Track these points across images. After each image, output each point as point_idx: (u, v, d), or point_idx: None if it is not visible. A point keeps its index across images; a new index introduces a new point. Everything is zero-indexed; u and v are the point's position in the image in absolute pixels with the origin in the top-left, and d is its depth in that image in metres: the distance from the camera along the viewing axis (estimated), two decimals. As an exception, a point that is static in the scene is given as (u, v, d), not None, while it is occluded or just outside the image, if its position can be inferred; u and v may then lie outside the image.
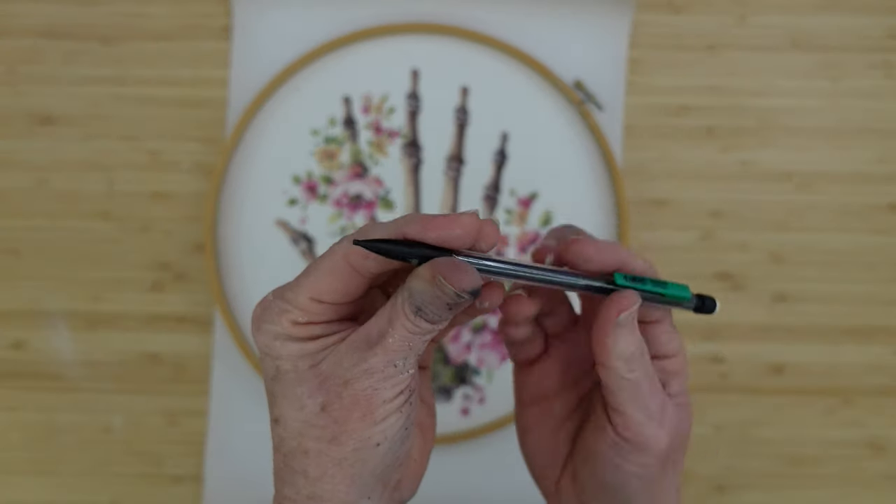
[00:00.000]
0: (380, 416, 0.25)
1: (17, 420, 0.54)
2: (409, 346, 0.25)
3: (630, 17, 0.54)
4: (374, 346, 0.25)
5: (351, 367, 0.25)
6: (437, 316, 0.25)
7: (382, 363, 0.25)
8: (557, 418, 0.33)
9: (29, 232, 0.54)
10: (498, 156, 0.54)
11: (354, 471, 0.25)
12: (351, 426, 0.25)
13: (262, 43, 0.53)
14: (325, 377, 0.25)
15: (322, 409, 0.25)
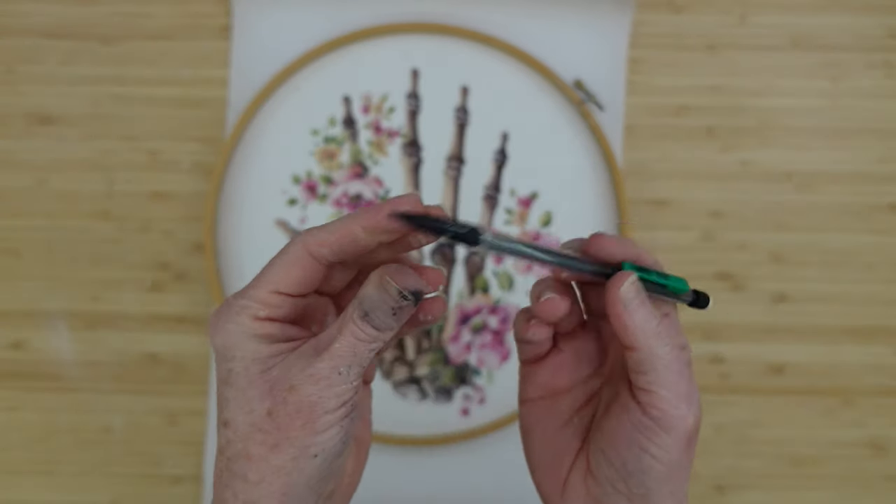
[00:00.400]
0: (320, 427, 0.26)
1: (16, 420, 0.54)
2: (355, 352, 0.26)
3: (630, 16, 0.53)
4: (322, 352, 0.26)
5: (298, 372, 0.26)
6: (383, 322, 0.26)
7: (328, 369, 0.26)
8: (565, 414, 0.33)
9: (28, 232, 0.54)
10: (498, 155, 0.54)
11: (290, 479, 0.26)
12: (293, 433, 0.26)
13: (261, 42, 0.53)
14: (274, 382, 0.26)
15: (268, 414, 0.26)
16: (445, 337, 0.53)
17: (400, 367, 0.53)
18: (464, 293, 0.53)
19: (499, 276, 0.53)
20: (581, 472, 0.31)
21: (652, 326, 0.28)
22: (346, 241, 0.27)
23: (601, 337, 0.32)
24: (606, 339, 0.32)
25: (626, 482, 0.29)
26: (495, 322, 0.53)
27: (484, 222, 0.54)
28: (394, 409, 0.53)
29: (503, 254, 0.29)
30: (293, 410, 0.26)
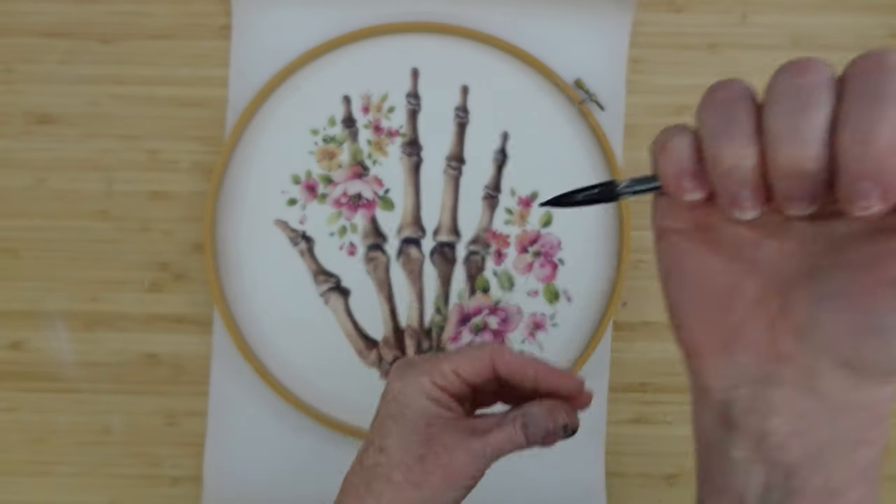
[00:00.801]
0: (454, 486, 0.33)
1: (15, 421, 0.54)
2: (502, 448, 0.33)
3: (630, 15, 0.53)
4: (480, 435, 0.33)
5: (456, 440, 0.32)
6: (534, 437, 0.33)
7: (479, 449, 0.32)
8: (736, 243, 0.25)
9: (27, 232, 0.54)
10: (498, 155, 0.53)
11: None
12: (433, 481, 0.32)
13: (261, 42, 0.53)
14: (433, 437, 0.32)
15: (420, 459, 0.32)
16: (445, 337, 0.53)
17: (400, 367, 0.53)
18: (464, 293, 0.53)
19: (499, 276, 0.53)
20: (766, 319, 0.24)
21: None
22: (519, 376, 0.34)
23: None
24: None
25: (866, 344, 0.22)
26: (496, 322, 0.53)
27: (484, 222, 0.53)
28: (394, 409, 0.53)
29: (647, 192, 0.25)
30: (442, 465, 0.32)
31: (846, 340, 0.22)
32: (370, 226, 0.53)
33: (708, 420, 0.25)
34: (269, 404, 0.53)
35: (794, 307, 0.23)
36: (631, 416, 0.55)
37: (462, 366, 0.34)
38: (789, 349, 0.23)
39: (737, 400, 0.24)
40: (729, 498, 0.25)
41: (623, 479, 0.55)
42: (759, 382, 0.24)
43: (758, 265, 0.24)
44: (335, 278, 0.53)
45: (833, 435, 0.23)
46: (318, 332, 0.53)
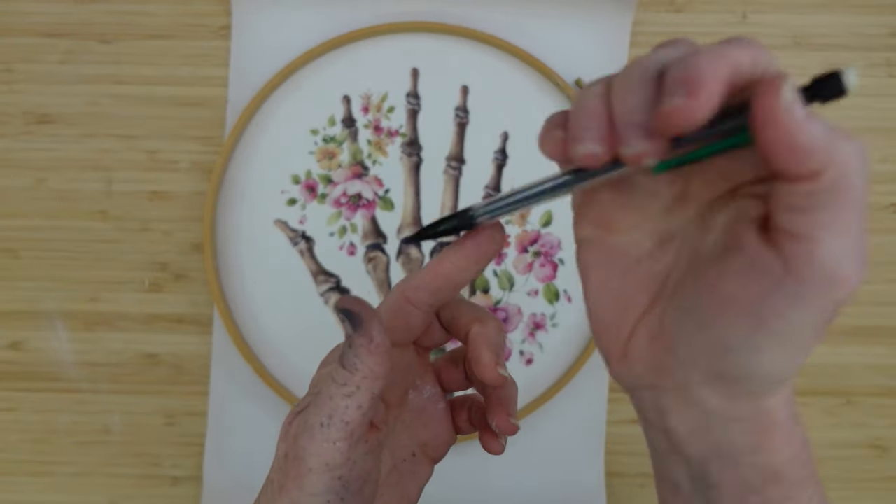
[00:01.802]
0: (307, 485, 0.26)
1: (15, 421, 0.54)
2: (331, 397, 0.26)
3: (631, 15, 0.53)
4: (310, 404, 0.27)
5: (301, 422, 0.27)
6: (349, 361, 0.26)
7: (313, 418, 0.26)
8: (629, 257, 0.26)
9: (26, 232, 0.53)
10: (498, 155, 0.53)
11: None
12: (289, 483, 0.26)
13: (261, 42, 0.53)
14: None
15: (284, 456, 0.27)
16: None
17: (400, 367, 0.53)
18: (463, 294, 0.53)
19: (499, 276, 0.53)
20: (648, 333, 0.25)
21: (835, 140, 0.20)
22: (440, 280, 0.29)
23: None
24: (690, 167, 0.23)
25: (721, 361, 0.22)
26: (495, 322, 0.53)
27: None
28: (394, 409, 0.53)
29: (503, 214, 0.27)
30: (291, 458, 0.27)
31: (706, 358, 0.23)
32: (370, 226, 0.53)
33: (636, 414, 0.27)
34: (268, 404, 0.53)
35: (666, 323, 0.25)
36: (631, 416, 0.55)
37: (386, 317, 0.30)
38: (666, 362, 0.24)
39: (642, 400, 0.26)
40: (669, 486, 0.26)
41: (623, 479, 0.55)
42: (651, 389, 0.25)
43: (648, 279, 0.26)
44: (335, 278, 0.53)
45: (728, 438, 0.24)
46: (317, 332, 0.53)
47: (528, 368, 0.53)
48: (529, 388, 0.53)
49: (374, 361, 0.26)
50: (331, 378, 0.27)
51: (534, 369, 0.53)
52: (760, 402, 0.23)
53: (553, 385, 0.53)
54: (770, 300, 0.21)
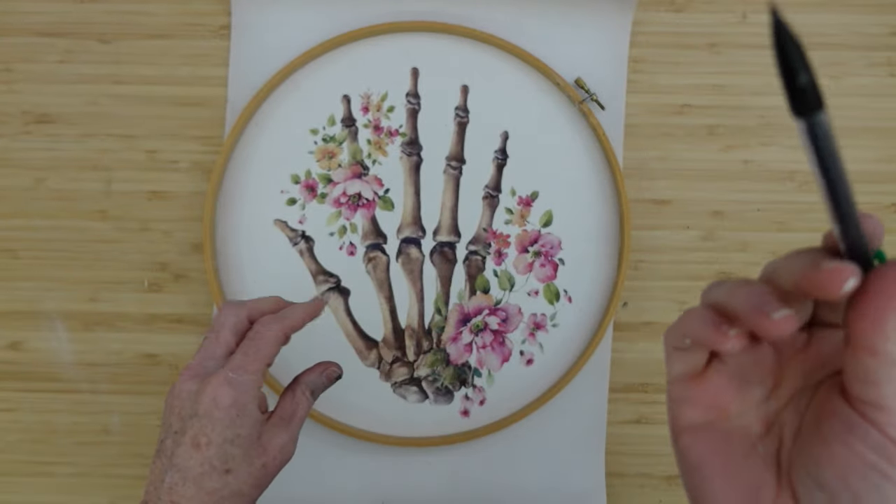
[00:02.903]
0: (284, 465, 0.40)
1: (14, 421, 0.54)
2: (304, 417, 0.41)
3: (631, 15, 0.53)
4: (290, 421, 0.40)
5: (283, 437, 0.39)
6: (320, 393, 0.43)
7: (297, 430, 0.40)
8: (746, 441, 0.27)
9: (26, 232, 0.53)
10: (498, 155, 0.53)
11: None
12: (273, 474, 0.39)
13: (260, 41, 0.53)
14: (265, 445, 0.38)
15: (263, 466, 0.38)
16: (445, 338, 0.53)
17: (400, 367, 0.53)
18: (464, 293, 0.53)
19: (499, 277, 0.53)
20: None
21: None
22: (300, 326, 0.40)
23: (775, 347, 0.27)
24: (783, 349, 0.27)
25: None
26: (496, 323, 0.53)
27: (484, 222, 0.53)
28: (393, 409, 0.53)
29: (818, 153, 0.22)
30: (279, 462, 0.39)
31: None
32: (370, 226, 0.53)
33: None
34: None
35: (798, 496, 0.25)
36: (631, 417, 0.54)
37: (270, 356, 0.39)
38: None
39: None
40: None
41: (623, 480, 0.54)
42: None
43: (767, 460, 0.26)
44: (335, 278, 0.53)
45: None
46: (317, 332, 0.53)
47: (529, 369, 0.53)
48: (530, 389, 0.53)
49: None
50: (305, 405, 0.42)
51: (534, 369, 0.53)
52: None
53: (553, 385, 0.53)
54: (874, 460, 0.23)
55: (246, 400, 0.37)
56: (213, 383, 0.36)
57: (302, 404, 0.40)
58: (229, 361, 0.38)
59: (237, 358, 0.38)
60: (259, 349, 0.38)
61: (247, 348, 0.38)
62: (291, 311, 0.40)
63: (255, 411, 0.37)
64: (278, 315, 0.39)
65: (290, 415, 0.40)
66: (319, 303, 0.42)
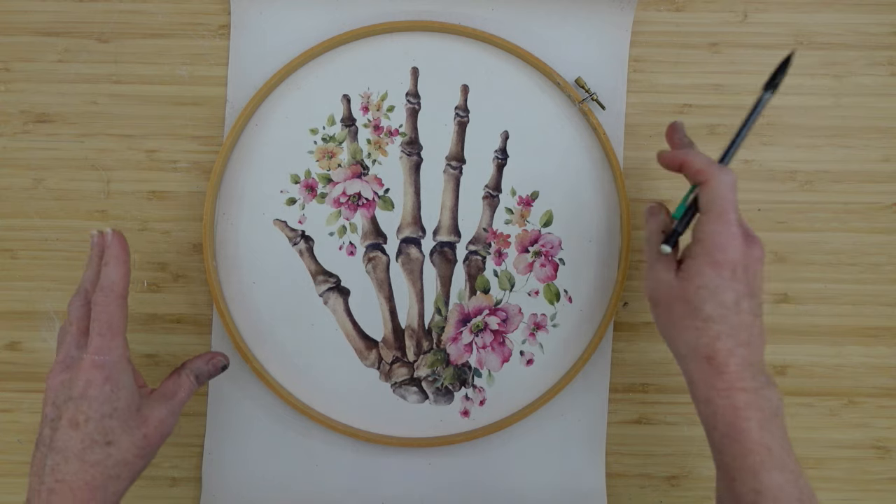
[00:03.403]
0: (165, 439, 0.43)
1: (13, 421, 0.54)
2: (187, 398, 0.45)
3: (631, 15, 0.53)
4: (171, 398, 0.43)
5: (163, 411, 0.42)
6: (203, 381, 0.46)
7: (177, 408, 0.44)
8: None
9: (24, 232, 0.53)
10: (499, 154, 0.53)
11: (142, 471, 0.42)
12: (155, 446, 0.42)
13: (260, 41, 0.53)
14: (146, 417, 0.42)
15: (144, 437, 0.41)
16: (445, 338, 0.53)
17: (400, 368, 0.53)
18: (464, 293, 0.53)
19: (499, 277, 0.53)
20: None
21: (705, 159, 0.41)
22: (125, 275, 0.42)
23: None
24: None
25: (696, 312, 0.39)
26: (496, 323, 0.53)
27: (484, 222, 0.53)
28: (394, 410, 0.53)
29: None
30: (160, 433, 0.42)
31: None
32: (370, 226, 0.53)
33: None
34: (267, 405, 0.53)
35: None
36: (632, 417, 0.54)
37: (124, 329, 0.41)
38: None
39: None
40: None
41: (624, 480, 0.54)
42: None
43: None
44: (335, 278, 0.53)
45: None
46: (317, 332, 0.53)
47: (529, 369, 0.53)
48: (530, 389, 0.53)
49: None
50: (188, 388, 0.45)
51: (534, 370, 0.53)
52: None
53: (554, 385, 0.53)
54: (692, 263, 0.41)
55: (117, 375, 0.40)
56: (83, 368, 0.39)
57: (184, 386, 0.44)
58: (88, 347, 0.40)
59: (94, 341, 0.40)
60: (110, 324, 0.40)
61: (98, 328, 0.40)
62: (109, 270, 0.41)
63: (129, 383, 0.40)
64: (103, 282, 0.41)
65: (172, 393, 0.43)
66: (118, 239, 0.42)
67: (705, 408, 0.39)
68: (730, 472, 0.37)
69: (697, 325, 0.38)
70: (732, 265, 0.38)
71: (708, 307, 0.38)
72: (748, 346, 0.38)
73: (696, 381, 0.39)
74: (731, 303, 0.38)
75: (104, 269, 0.41)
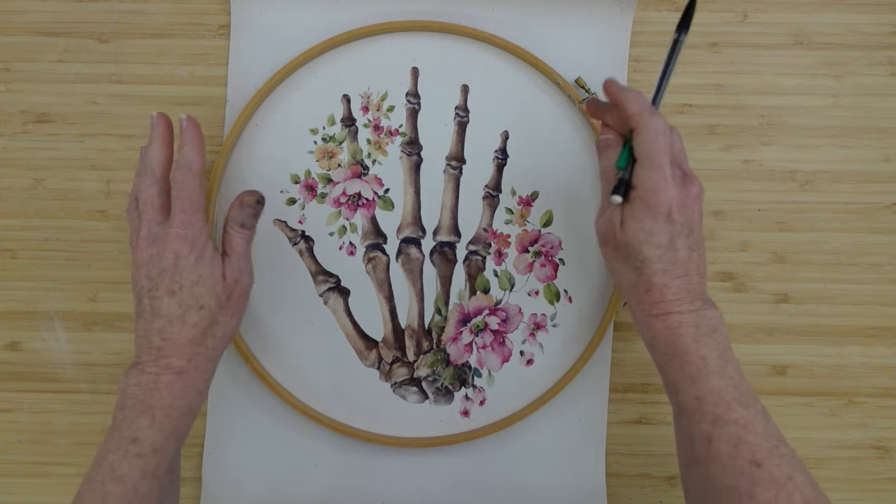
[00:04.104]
0: (246, 297, 0.47)
1: (13, 421, 0.54)
2: (246, 247, 0.46)
3: (631, 15, 0.53)
4: (231, 254, 0.45)
5: (236, 270, 0.45)
6: (249, 221, 0.46)
7: (244, 256, 0.46)
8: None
9: (25, 232, 0.53)
10: (499, 154, 0.53)
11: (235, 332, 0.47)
12: (241, 305, 0.46)
13: (260, 41, 0.53)
14: (223, 276, 0.45)
15: (228, 298, 0.45)
16: (445, 338, 0.53)
17: (400, 368, 0.53)
18: (464, 293, 0.53)
19: (499, 277, 0.53)
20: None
21: (641, 101, 0.42)
22: (202, 155, 0.45)
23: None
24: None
25: (636, 254, 0.41)
26: (496, 323, 0.53)
27: (484, 222, 0.53)
28: (394, 410, 0.53)
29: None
30: (242, 288, 0.45)
31: None
32: (370, 225, 0.53)
33: None
34: (267, 405, 0.53)
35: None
36: (632, 417, 0.54)
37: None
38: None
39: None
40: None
41: (624, 480, 0.54)
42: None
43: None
44: (335, 278, 0.53)
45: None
46: (317, 332, 0.53)
47: (529, 369, 0.53)
48: (530, 389, 0.53)
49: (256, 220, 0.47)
50: (240, 238, 0.46)
51: (534, 370, 0.53)
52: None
53: (554, 385, 0.53)
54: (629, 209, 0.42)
55: (200, 246, 0.43)
56: (170, 241, 0.42)
57: (235, 238, 0.45)
58: (172, 221, 0.43)
59: (177, 217, 0.43)
60: (191, 201, 0.43)
61: (181, 205, 0.43)
62: (187, 150, 0.44)
63: (209, 252, 0.44)
64: (181, 161, 0.44)
65: (230, 249, 0.45)
66: (192, 123, 0.45)
67: (647, 333, 0.42)
68: (674, 386, 0.40)
69: (637, 266, 0.41)
70: (667, 208, 0.40)
71: (645, 249, 0.40)
72: (685, 277, 0.41)
73: (638, 312, 0.42)
74: (665, 243, 0.40)
75: (181, 150, 0.44)
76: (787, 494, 0.36)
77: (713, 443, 0.38)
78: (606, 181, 0.44)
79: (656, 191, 0.40)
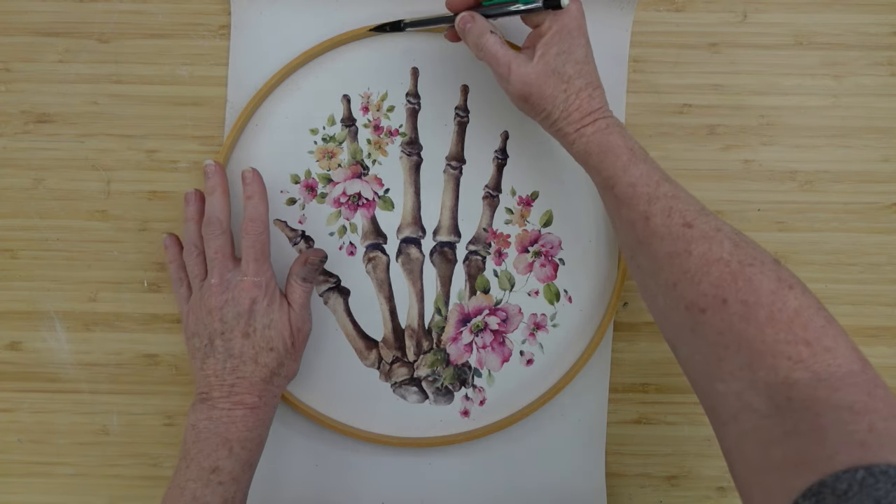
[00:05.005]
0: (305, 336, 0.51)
1: (13, 421, 0.54)
2: (305, 300, 0.50)
3: (631, 15, 0.53)
4: (294, 304, 0.49)
5: (300, 319, 0.49)
6: (312, 278, 0.50)
7: (302, 310, 0.50)
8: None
9: (25, 232, 0.53)
10: (499, 155, 0.53)
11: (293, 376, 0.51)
12: (299, 351, 0.50)
13: (260, 41, 0.53)
14: (289, 324, 0.49)
15: (293, 345, 0.49)
16: (445, 337, 0.53)
17: (400, 367, 0.53)
18: (464, 293, 0.53)
19: (499, 277, 0.53)
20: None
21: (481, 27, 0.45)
22: (266, 205, 0.49)
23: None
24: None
25: (560, 76, 0.44)
26: (496, 323, 0.53)
27: (484, 222, 0.53)
28: (394, 410, 0.53)
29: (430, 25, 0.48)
30: (303, 335, 0.49)
31: None
32: (370, 226, 0.53)
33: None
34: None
35: None
36: (632, 417, 0.54)
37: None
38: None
39: None
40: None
41: (624, 480, 0.54)
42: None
43: None
44: (335, 278, 0.53)
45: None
46: (317, 332, 0.53)
47: (529, 369, 0.53)
48: (530, 389, 0.53)
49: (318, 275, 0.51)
50: (301, 291, 0.50)
51: (534, 370, 0.53)
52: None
53: (554, 385, 0.53)
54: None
55: (272, 293, 0.47)
56: (246, 288, 0.46)
57: (297, 290, 0.49)
58: (245, 269, 0.47)
59: (251, 265, 0.47)
60: (262, 251, 0.47)
61: (254, 255, 0.47)
62: (255, 202, 0.48)
63: (279, 299, 0.48)
64: (251, 213, 0.48)
65: (293, 301, 0.49)
66: (256, 176, 0.49)
67: (579, 145, 0.44)
68: (610, 181, 0.43)
69: (564, 87, 0.44)
70: (577, 24, 0.44)
71: (568, 67, 0.43)
72: (600, 87, 0.45)
73: (570, 133, 0.44)
74: (582, 57, 0.44)
75: (250, 201, 0.48)
76: (719, 242, 0.39)
77: (650, 219, 0.41)
78: (493, 44, 0.44)
79: (567, 10, 0.43)
